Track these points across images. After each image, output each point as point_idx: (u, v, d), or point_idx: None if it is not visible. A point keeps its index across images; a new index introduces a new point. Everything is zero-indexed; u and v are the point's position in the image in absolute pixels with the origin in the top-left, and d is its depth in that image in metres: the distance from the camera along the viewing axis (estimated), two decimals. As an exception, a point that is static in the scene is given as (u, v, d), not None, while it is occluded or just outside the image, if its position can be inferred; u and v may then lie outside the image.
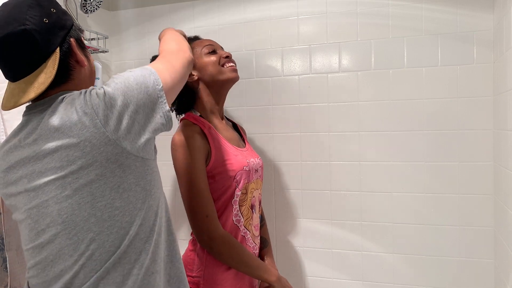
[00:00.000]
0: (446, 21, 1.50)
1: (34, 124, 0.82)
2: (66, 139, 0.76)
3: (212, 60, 1.31)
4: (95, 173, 0.77)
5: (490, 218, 1.48)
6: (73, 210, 0.78)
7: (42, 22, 0.80)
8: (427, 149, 1.53)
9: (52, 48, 0.81)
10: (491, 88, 1.46)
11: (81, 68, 0.89)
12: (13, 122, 1.22)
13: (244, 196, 1.27)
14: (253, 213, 1.33)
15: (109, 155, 0.77)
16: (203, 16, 1.78)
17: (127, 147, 0.79)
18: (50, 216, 0.79)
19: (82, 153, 0.76)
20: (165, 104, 0.84)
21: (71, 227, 0.78)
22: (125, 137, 0.79)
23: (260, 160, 1.39)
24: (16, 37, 0.78)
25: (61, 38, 0.83)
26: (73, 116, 0.77)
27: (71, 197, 0.78)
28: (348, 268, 1.64)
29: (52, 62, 0.81)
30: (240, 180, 1.25)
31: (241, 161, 1.27)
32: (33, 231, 0.82)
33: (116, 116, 0.77)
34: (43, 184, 0.79)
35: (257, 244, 1.36)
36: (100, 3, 1.67)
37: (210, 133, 1.25)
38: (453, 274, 1.52)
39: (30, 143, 0.81)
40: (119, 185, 0.80)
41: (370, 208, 1.60)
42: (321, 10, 1.63)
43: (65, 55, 0.84)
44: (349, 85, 1.61)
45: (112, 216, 0.80)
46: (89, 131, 0.76)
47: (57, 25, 0.82)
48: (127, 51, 1.89)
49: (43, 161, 0.79)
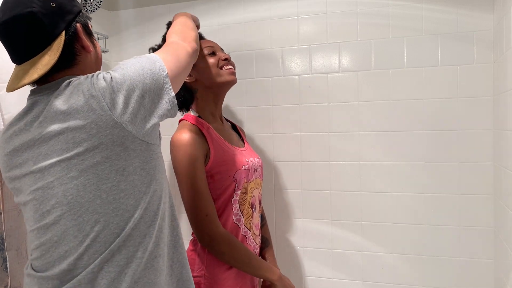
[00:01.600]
0: (446, 21, 1.50)
1: (40, 107, 0.83)
2: (72, 121, 0.78)
3: (211, 62, 1.31)
4: (101, 155, 0.78)
5: (490, 218, 1.48)
6: (78, 191, 0.79)
7: (49, 6, 0.81)
8: (427, 149, 1.53)
9: (58, 31, 0.82)
10: (491, 88, 1.46)
11: (87, 54, 0.90)
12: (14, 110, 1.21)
13: (244, 195, 1.28)
14: (254, 212, 1.33)
15: (115, 138, 0.79)
16: (203, 16, 1.78)
17: (133, 131, 0.80)
18: (55, 197, 0.80)
19: (88, 135, 0.77)
20: (170, 90, 0.86)
21: (76, 208, 0.79)
22: (131, 121, 0.80)
23: (259, 159, 1.40)
24: (22, 19, 0.79)
25: (67, 22, 0.84)
26: (80, 98, 0.78)
27: (76, 178, 0.78)
28: (348, 268, 1.64)
29: (57, 45, 0.82)
30: (239, 179, 1.25)
31: (240, 160, 1.27)
32: (38, 212, 0.82)
33: (123, 100, 0.79)
34: (49, 166, 0.80)
35: (258, 243, 1.36)
36: (100, 3, 1.67)
37: (208, 133, 1.25)
38: (453, 274, 1.52)
39: (36, 125, 0.82)
40: (124, 168, 0.80)
41: (370, 208, 1.60)
42: (321, 10, 1.63)
43: (71, 39, 0.85)
44: (349, 85, 1.61)
45: (117, 199, 0.80)
46: (96, 114, 0.78)
47: (63, 9, 0.84)
48: (127, 51, 1.89)
49: (48, 143, 0.80)
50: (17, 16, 0.79)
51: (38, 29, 0.80)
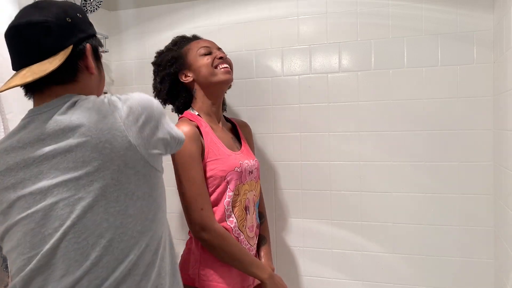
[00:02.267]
0: (446, 21, 1.50)
1: (38, 124, 0.80)
2: (82, 138, 0.75)
3: (206, 61, 1.32)
4: (111, 176, 0.76)
5: (490, 218, 1.48)
6: (85, 213, 0.75)
7: (65, 20, 0.83)
8: (427, 149, 1.53)
9: (66, 44, 0.82)
10: (491, 88, 1.46)
11: (90, 75, 0.89)
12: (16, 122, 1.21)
13: (236, 197, 1.28)
14: (247, 215, 1.33)
15: (128, 160, 0.77)
16: (203, 16, 1.78)
17: (145, 155, 0.80)
18: (59, 219, 0.76)
19: (100, 154, 0.75)
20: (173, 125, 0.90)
21: (81, 230, 0.75)
22: (145, 145, 0.80)
23: (256, 162, 1.40)
24: (35, 25, 0.80)
25: (78, 39, 0.85)
26: (93, 116, 0.77)
27: (84, 199, 0.75)
28: (348, 268, 1.64)
29: (61, 56, 0.81)
30: (231, 181, 1.26)
31: (232, 162, 1.28)
32: (37, 236, 0.76)
33: (140, 124, 0.79)
34: (52, 186, 0.76)
35: (253, 245, 1.36)
36: (100, 3, 1.67)
37: (206, 131, 1.28)
38: (453, 274, 1.52)
39: (34, 142, 0.79)
40: (134, 192, 0.79)
41: (370, 208, 1.60)
42: (321, 10, 1.63)
43: (77, 55, 0.85)
44: (349, 85, 1.61)
45: (125, 224, 0.78)
46: (111, 133, 0.76)
47: (77, 27, 0.85)
48: (127, 51, 1.89)
49: (51, 161, 0.76)
50: (31, 22, 0.80)
51: (48, 37, 0.80)
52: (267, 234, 1.48)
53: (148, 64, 1.47)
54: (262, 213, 1.49)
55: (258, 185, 1.42)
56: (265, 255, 1.41)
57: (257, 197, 1.41)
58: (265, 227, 1.49)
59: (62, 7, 0.84)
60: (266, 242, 1.45)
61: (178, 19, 1.81)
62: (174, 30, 1.81)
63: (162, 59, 1.39)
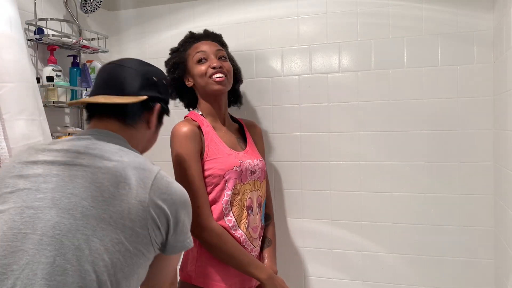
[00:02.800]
0: (446, 21, 1.50)
1: (87, 143, 0.86)
2: (124, 199, 0.78)
3: (200, 71, 1.33)
4: (134, 245, 0.78)
5: (490, 218, 1.48)
6: (74, 231, 0.74)
7: (152, 78, 0.98)
8: (427, 149, 1.53)
9: (143, 93, 0.94)
10: (491, 88, 1.46)
11: (146, 129, 0.98)
12: (13, 123, 1.22)
13: (235, 196, 1.28)
14: (249, 215, 1.32)
15: (153, 241, 0.82)
16: (203, 16, 1.78)
17: (161, 249, 0.86)
18: (44, 222, 0.74)
19: (135, 223, 0.79)
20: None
21: (58, 246, 0.72)
22: (170, 241, 0.86)
23: (260, 162, 1.39)
24: (129, 69, 0.96)
25: (154, 96, 0.97)
26: (141, 193, 0.80)
27: (94, 230, 0.75)
28: (348, 268, 1.64)
29: (134, 98, 0.92)
30: (230, 179, 1.27)
31: (232, 161, 1.28)
32: (12, 230, 0.74)
33: (174, 223, 0.85)
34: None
35: (256, 247, 1.35)
36: (100, 3, 1.67)
37: (206, 131, 1.30)
38: (453, 274, 1.52)
39: (71, 155, 0.82)
40: (139, 274, 0.82)
41: (370, 208, 1.60)
42: (321, 10, 1.63)
43: (146, 107, 0.96)
44: (349, 85, 1.61)
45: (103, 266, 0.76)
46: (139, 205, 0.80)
47: (158, 88, 0.98)
48: (127, 51, 1.89)
49: (74, 181, 0.79)
50: (126, 66, 0.97)
51: (133, 82, 0.94)
52: (272, 236, 1.45)
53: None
54: (269, 214, 1.47)
55: (264, 186, 1.41)
56: (268, 257, 1.40)
57: (263, 198, 1.40)
58: (271, 229, 1.46)
59: (154, 69, 1.01)
60: (270, 244, 1.43)
61: (178, 19, 1.81)
62: (174, 30, 1.81)
63: (168, 63, 1.44)
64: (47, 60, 1.54)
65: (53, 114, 1.57)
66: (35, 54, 1.51)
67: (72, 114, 1.71)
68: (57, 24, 1.56)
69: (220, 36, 1.50)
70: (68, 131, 1.59)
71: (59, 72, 1.51)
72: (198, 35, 1.45)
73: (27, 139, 1.25)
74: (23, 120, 1.24)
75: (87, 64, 1.69)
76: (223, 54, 1.38)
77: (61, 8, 1.65)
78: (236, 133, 1.44)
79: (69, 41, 1.53)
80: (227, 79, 1.35)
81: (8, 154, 1.23)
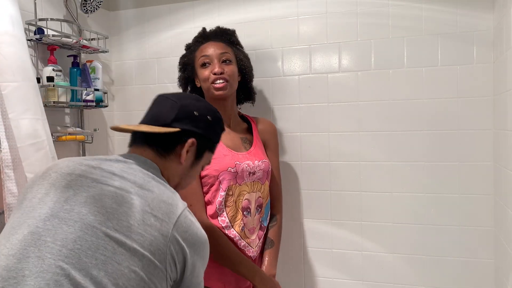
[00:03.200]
0: (446, 21, 1.50)
1: (123, 166, 0.86)
2: (148, 229, 0.78)
3: (204, 75, 1.36)
4: (147, 273, 0.77)
5: (490, 218, 1.48)
6: (95, 250, 0.73)
7: (192, 112, 0.95)
8: (427, 149, 1.53)
9: (176, 125, 0.93)
10: (491, 88, 1.46)
11: (179, 163, 0.95)
12: (18, 122, 1.22)
13: (229, 197, 1.29)
14: (246, 216, 1.32)
15: (168, 277, 0.81)
16: (203, 16, 1.78)
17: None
18: (67, 234, 0.73)
19: (152, 253, 0.78)
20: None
21: (75, 261, 0.71)
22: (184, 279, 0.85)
23: (263, 163, 1.38)
24: (170, 100, 0.97)
25: (188, 130, 0.94)
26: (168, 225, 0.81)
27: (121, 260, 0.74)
28: (348, 268, 1.64)
29: (165, 129, 0.92)
30: (223, 180, 1.27)
31: (227, 162, 1.29)
32: (33, 235, 0.73)
33: (191, 267, 0.85)
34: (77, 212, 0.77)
35: (254, 248, 1.34)
36: (100, 3, 1.67)
37: None
38: (453, 274, 1.52)
39: (104, 171, 0.83)
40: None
41: (370, 208, 1.60)
42: (321, 10, 1.63)
43: (178, 140, 0.94)
44: (349, 85, 1.61)
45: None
46: (170, 255, 0.80)
47: (197, 123, 0.96)
48: (127, 51, 1.89)
49: (103, 200, 0.79)
50: (168, 98, 0.97)
51: (169, 113, 0.93)
52: (275, 237, 1.43)
53: (148, 64, 1.48)
54: (275, 215, 1.45)
55: (266, 187, 1.40)
56: (268, 259, 1.38)
57: (264, 199, 1.39)
58: (276, 230, 1.44)
59: (200, 104, 0.98)
60: (272, 245, 1.41)
61: (178, 19, 1.81)
62: (174, 30, 1.81)
63: (180, 61, 1.49)
64: (47, 60, 1.54)
65: (53, 114, 1.57)
66: (35, 54, 1.51)
67: (72, 114, 1.71)
68: (57, 24, 1.56)
69: (231, 34, 1.49)
70: (68, 131, 1.59)
71: (59, 72, 1.51)
72: (208, 34, 1.46)
73: (33, 138, 1.25)
74: (28, 119, 1.24)
75: (87, 64, 1.69)
76: (227, 57, 1.38)
77: (61, 8, 1.65)
78: (243, 133, 1.44)
79: (69, 41, 1.53)
80: (229, 84, 1.36)
81: (11, 154, 1.24)
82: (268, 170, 1.41)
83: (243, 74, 1.45)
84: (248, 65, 1.48)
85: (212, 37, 1.44)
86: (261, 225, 1.38)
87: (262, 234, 1.39)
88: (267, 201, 1.41)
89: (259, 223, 1.37)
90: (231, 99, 1.42)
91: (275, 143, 1.54)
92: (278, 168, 1.53)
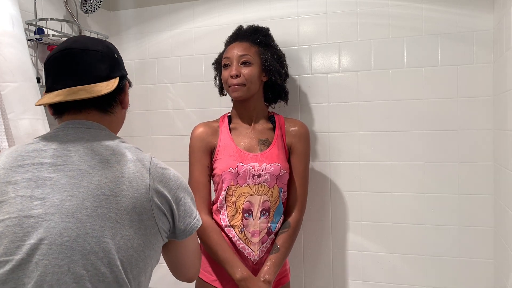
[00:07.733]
0: (446, 21, 1.50)
1: (74, 137, 0.81)
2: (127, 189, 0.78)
3: (223, 77, 1.41)
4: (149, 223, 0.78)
5: (490, 218, 1.48)
6: (84, 235, 0.71)
7: (113, 54, 0.89)
8: (427, 149, 1.53)
9: (114, 75, 0.87)
10: (491, 88, 1.46)
11: (122, 110, 0.93)
12: (18, 122, 1.22)
13: (229, 197, 1.33)
14: (246, 218, 1.32)
15: (160, 230, 0.81)
16: (203, 16, 1.78)
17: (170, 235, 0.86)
18: (49, 230, 0.70)
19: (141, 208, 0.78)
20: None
21: (69, 253, 0.70)
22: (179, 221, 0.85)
23: (272, 166, 1.33)
24: (91, 53, 0.84)
25: (122, 74, 0.90)
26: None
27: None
28: (348, 268, 1.64)
29: (111, 83, 0.85)
30: (225, 180, 1.33)
31: (230, 162, 1.32)
32: (15, 243, 0.70)
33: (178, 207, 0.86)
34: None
35: (256, 251, 1.32)
36: (100, 3, 1.67)
37: (223, 131, 1.39)
38: (453, 274, 1.52)
39: (57, 151, 0.78)
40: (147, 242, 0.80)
41: (370, 208, 1.60)
42: (321, 10, 1.63)
43: (118, 89, 0.87)
44: (349, 85, 1.61)
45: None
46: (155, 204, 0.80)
47: (121, 64, 0.92)
48: (127, 51, 1.89)
49: (64, 167, 0.76)
50: (87, 48, 0.84)
51: (101, 64, 0.85)
52: (282, 244, 1.34)
53: (148, 64, 1.48)
54: (289, 222, 1.38)
55: (275, 191, 1.35)
56: (269, 264, 1.31)
57: (273, 204, 1.35)
58: (285, 237, 1.35)
59: (108, 44, 0.91)
60: (277, 251, 1.34)
61: (178, 19, 1.81)
62: (174, 30, 1.81)
63: (215, 60, 1.52)
64: (47, 60, 1.54)
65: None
66: (35, 54, 1.51)
67: (72, 114, 1.71)
68: (57, 24, 1.56)
69: (261, 33, 1.46)
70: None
71: (59, 72, 1.51)
72: (237, 33, 1.47)
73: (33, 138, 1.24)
74: (28, 119, 1.25)
75: (87, 64, 1.69)
76: (247, 59, 1.36)
77: (61, 8, 1.65)
78: (264, 133, 1.41)
79: (69, 41, 1.53)
80: (247, 86, 1.35)
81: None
82: (279, 175, 1.34)
83: (268, 75, 1.41)
84: (273, 66, 1.40)
85: (240, 37, 1.44)
86: (269, 230, 1.34)
87: (266, 238, 1.34)
88: (276, 206, 1.36)
89: (267, 228, 1.34)
90: (253, 100, 1.41)
91: (303, 147, 1.43)
92: (302, 175, 1.42)
